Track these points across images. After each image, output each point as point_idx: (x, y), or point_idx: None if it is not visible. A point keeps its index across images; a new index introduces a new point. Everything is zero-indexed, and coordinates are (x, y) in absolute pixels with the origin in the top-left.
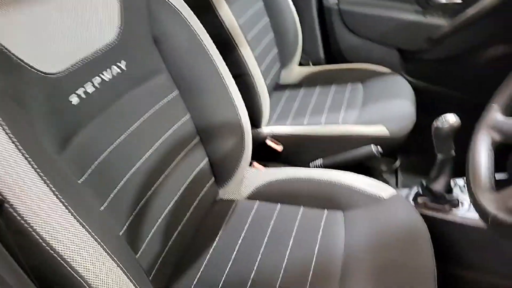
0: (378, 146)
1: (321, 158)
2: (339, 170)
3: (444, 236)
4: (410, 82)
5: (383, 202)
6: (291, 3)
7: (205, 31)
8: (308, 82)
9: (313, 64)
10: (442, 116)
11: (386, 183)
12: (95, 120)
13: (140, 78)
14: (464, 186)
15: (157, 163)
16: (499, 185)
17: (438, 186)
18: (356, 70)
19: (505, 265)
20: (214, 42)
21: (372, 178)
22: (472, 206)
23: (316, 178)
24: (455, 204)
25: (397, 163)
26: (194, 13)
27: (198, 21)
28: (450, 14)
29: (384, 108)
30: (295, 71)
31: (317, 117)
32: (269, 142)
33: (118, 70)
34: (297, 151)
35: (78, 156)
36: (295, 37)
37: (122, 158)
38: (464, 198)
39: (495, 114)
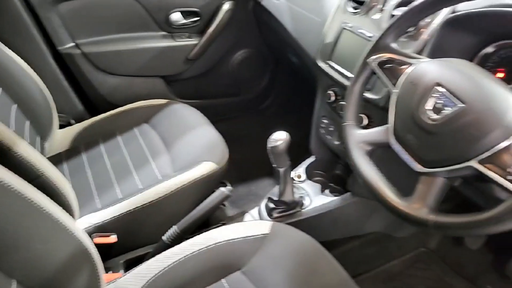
0: (227, 185)
1: (173, 226)
2: (208, 231)
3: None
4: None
5: (269, 237)
6: (19, 60)
7: None
8: (84, 144)
9: (76, 122)
10: (274, 135)
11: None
12: None
13: None
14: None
15: None
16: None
17: (288, 195)
18: (131, 112)
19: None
20: None
21: (242, 222)
22: (310, 197)
23: (191, 253)
24: (303, 203)
25: (230, 188)
26: None
27: None
28: (196, 33)
29: (195, 142)
30: (59, 137)
31: (130, 184)
32: (99, 240)
33: None
34: (132, 232)
35: None
36: (42, 98)
37: None
38: (301, 193)
39: (354, 131)
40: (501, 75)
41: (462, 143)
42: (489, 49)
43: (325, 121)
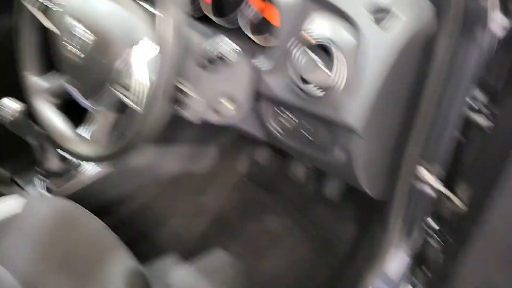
0: None
1: None
2: None
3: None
4: None
5: (22, 215)
6: None
7: None
8: None
9: None
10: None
11: None
12: None
13: None
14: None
15: None
16: None
17: (54, 163)
18: None
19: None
20: None
21: None
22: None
23: None
24: (77, 164)
25: None
26: None
27: None
28: None
29: None
30: None
31: None
32: None
33: None
34: None
35: None
36: None
37: None
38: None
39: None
40: None
41: (101, 72)
42: None
43: None
